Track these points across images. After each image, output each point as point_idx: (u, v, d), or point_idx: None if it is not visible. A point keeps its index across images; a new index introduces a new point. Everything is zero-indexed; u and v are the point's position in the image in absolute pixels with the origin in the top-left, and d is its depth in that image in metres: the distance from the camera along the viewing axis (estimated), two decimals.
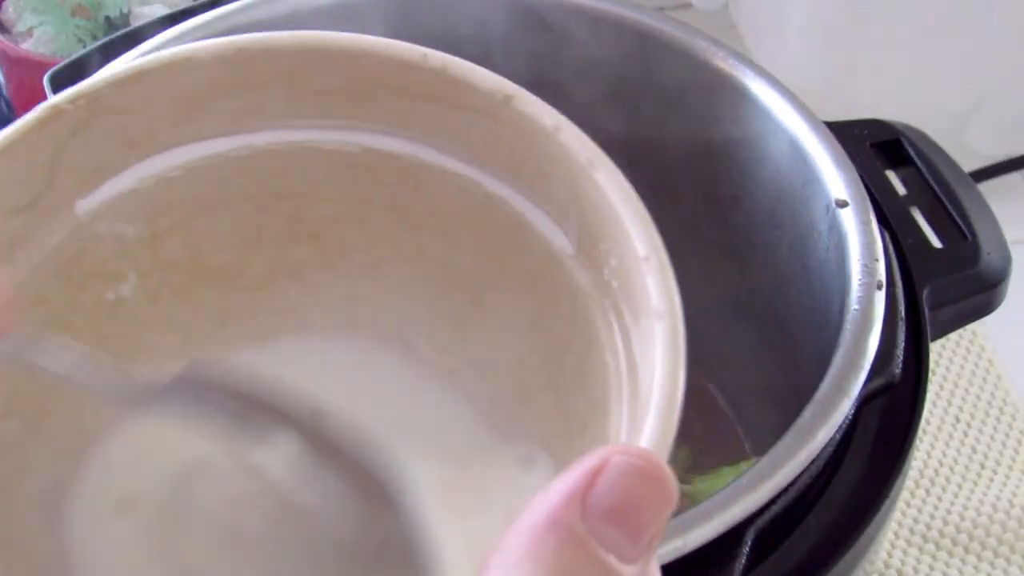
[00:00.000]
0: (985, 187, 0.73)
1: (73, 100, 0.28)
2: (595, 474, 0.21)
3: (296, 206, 0.31)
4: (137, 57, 0.51)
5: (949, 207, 0.51)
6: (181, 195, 0.30)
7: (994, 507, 0.62)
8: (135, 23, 0.70)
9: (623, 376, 0.26)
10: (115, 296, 0.30)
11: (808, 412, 0.40)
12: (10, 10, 0.73)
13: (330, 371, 0.32)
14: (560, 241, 0.28)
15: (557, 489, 0.21)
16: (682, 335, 0.25)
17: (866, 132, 0.53)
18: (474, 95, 0.28)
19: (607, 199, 0.26)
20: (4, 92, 0.75)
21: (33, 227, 0.28)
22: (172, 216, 0.31)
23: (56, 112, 0.28)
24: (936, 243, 0.50)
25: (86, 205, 0.29)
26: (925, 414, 0.45)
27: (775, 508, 0.39)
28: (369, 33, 0.30)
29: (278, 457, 0.26)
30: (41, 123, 0.28)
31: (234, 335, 0.32)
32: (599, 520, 0.21)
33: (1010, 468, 0.65)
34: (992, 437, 0.67)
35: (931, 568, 0.61)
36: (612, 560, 0.21)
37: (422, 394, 0.31)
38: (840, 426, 0.40)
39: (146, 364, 0.30)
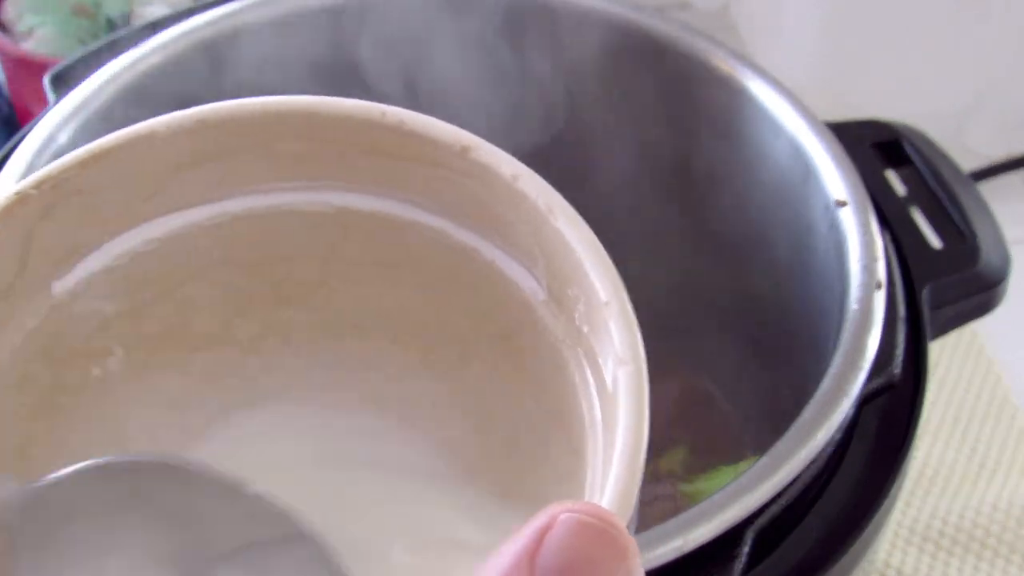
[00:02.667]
0: (985, 187, 0.73)
1: (38, 185, 0.28)
2: (542, 533, 0.20)
3: (280, 270, 0.31)
4: (135, 60, 0.52)
5: (949, 207, 0.51)
6: (160, 268, 0.30)
7: (994, 507, 0.62)
8: (136, 23, 0.70)
9: (597, 424, 0.26)
10: (102, 371, 0.30)
11: (808, 412, 0.40)
12: (10, 10, 0.73)
13: (323, 434, 0.32)
14: (531, 286, 0.29)
15: (505, 552, 0.20)
16: (645, 381, 0.25)
17: (866, 132, 0.53)
18: (433, 148, 0.28)
19: (568, 245, 0.27)
20: (4, 92, 0.75)
21: (8, 314, 0.28)
22: (153, 289, 0.31)
23: (22, 199, 0.27)
24: (936, 243, 0.50)
25: (62, 286, 0.29)
26: (925, 414, 0.45)
27: (775, 508, 0.39)
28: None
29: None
30: (7, 210, 0.27)
31: (227, 400, 0.32)
32: None
33: (1010, 468, 0.65)
34: (992, 437, 0.67)
35: (931, 568, 0.61)
36: None
37: (414, 456, 0.31)
38: (840, 426, 0.40)
39: (140, 438, 0.31)
